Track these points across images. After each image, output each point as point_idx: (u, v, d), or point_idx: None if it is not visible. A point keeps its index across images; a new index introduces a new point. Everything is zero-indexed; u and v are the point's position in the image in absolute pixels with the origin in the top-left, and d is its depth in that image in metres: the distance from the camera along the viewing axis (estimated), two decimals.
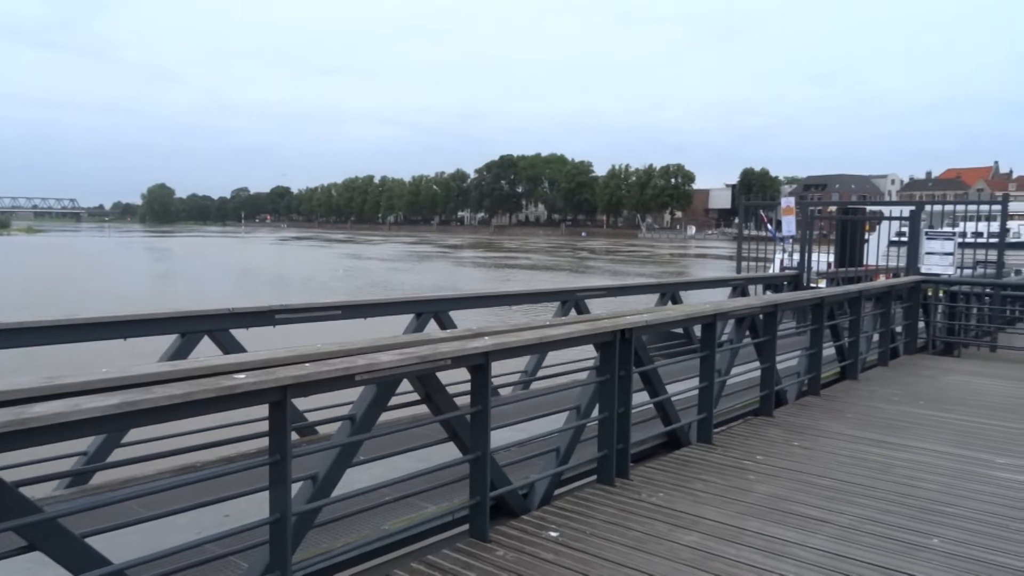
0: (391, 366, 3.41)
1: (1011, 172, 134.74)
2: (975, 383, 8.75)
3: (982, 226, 13.67)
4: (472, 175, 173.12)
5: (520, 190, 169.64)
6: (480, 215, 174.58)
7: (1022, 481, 5.19)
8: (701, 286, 11.05)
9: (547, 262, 62.60)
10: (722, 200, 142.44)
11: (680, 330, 9.38)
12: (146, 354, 4.77)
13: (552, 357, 6.92)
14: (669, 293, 9.42)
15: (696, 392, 5.99)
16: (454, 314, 6.93)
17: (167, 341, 5.13)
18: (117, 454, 4.75)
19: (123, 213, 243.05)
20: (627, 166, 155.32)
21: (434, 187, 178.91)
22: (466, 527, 4.08)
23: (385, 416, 4.01)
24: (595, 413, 4.90)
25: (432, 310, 6.68)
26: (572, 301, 8.08)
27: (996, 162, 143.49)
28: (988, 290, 12.27)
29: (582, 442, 4.93)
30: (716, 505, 4.56)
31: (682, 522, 4.27)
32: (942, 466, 5.49)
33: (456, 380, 4.16)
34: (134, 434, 4.52)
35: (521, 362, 7.54)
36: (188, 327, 5.13)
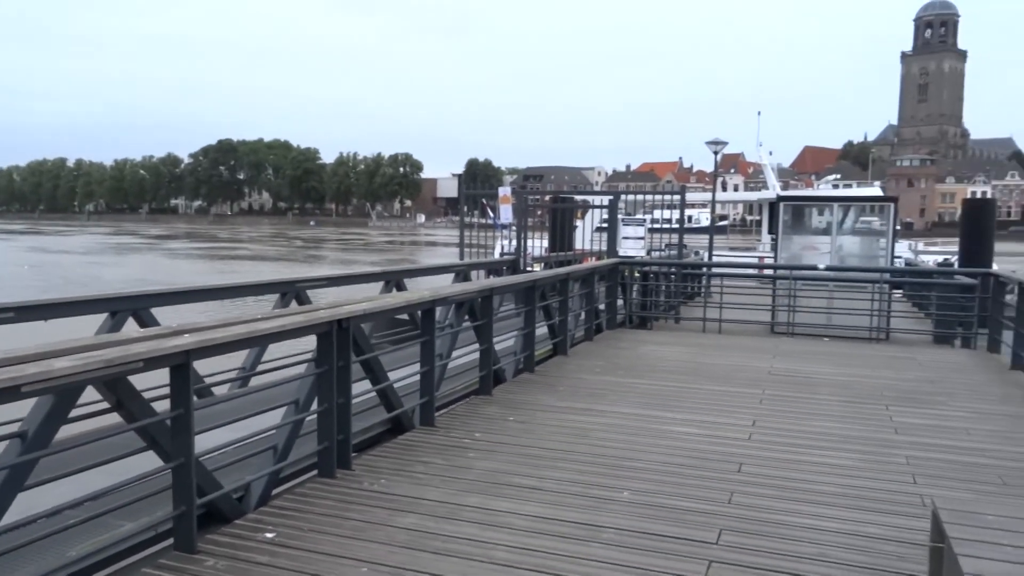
0: (69, 373, 3.04)
1: (692, 166, 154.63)
2: (662, 351, 9.95)
3: (669, 214, 15.54)
4: (187, 160, 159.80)
5: (242, 176, 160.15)
6: (197, 203, 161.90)
7: (689, 432, 6.01)
8: (425, 273, 11.30)
9: (272, 252, 59.99)
10: (450, 189, 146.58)
11: (406, 317, 9.53)
12: None
13: (276, 351, 6.66)
14: (393, 281, 9.51)
15: (419, 377, 6.12)
16: (162, 313, 6.36)
17: None
18: None
19: None
20: (355, 154, 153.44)
21: (141, 172, 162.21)
22: (171, 541, 3.78)
23: (72, 428, 3.58)
24: (315, 406, 4.80)
25: (130, 308, 6.07)
26: (292, 292, 7.83)
27: (680, 157, 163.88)
28: (672, 270, 14.03)
29: (303, 436, 4.81)
30: (436, 485, 4.71)
31: (402, 505, 4.35)
32: (630, 426, 6.17)
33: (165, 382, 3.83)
34: None
35: (240, 357, 7.15)
36: None
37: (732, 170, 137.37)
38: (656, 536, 4.02)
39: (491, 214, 17.97)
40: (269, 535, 3.92)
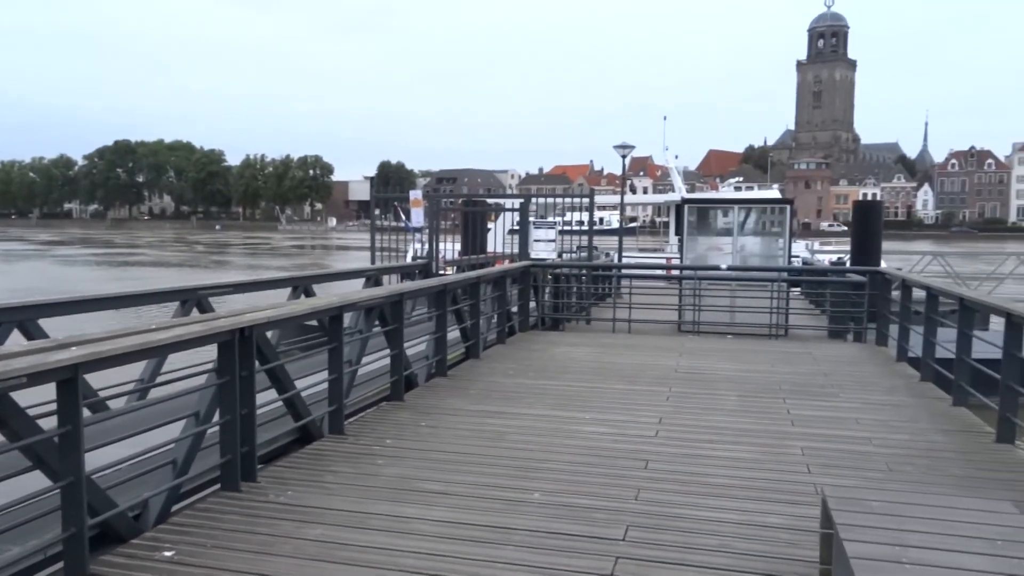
0: None
1: (603, 169, 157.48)
2: (573, 352, 10.10)
3: (584, 216, 15.78)
4: (81, 162, 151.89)
5: (141, 179, 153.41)
6: (93, 207, 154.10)
7: (599, 432, 6.13)
8: (335, 278, 11.09)
9: (173, 258, 57.68)
10: (362, 192, 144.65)
11: (315, 323, 9.33)
12: None
13: (177, 361, 6.41)
14: (302, 287, 9.31)
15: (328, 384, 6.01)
16: (52, 324, 6.02)
17: None
18: None
19: None
20: (263, 156, 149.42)
21: (31, 174, 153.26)
22: (60, 565, 3.58)
23: None
24: (217, 417, 4.65)
25: (14, 319, 5.73)
26: (194, 300, 7.54)
27: (591, 160, 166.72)
28: (583, 272, 14.27)
29: (205, 449, 4.65)
30: (345, 494, 4.63)
31: (309, 517, 4.26)
32: (542, 427, 6.25)
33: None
34: None
35: (139, 369, 6.84)
36: None
37: (641, 173, 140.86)
38: (565, 536, 4.08)
39: (403, 217, 17.85)
40: (168, 553, 3.77)
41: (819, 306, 15.18)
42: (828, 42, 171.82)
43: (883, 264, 17.00)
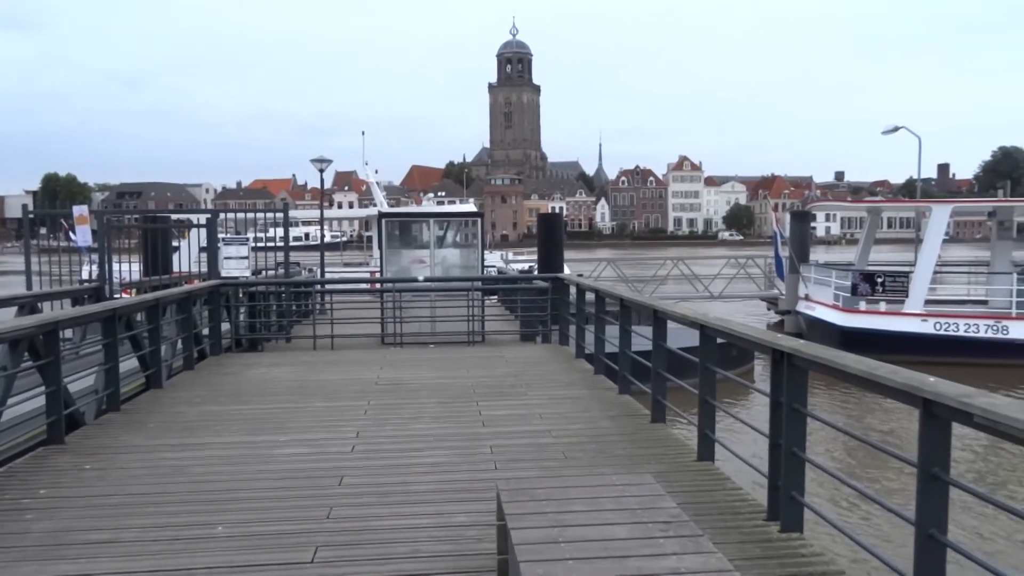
0: None
1: (306, 184, 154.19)
2: (272, 373, 9.66)
3: (297, 231, 15.23)
4: None
5: None
6: None
7: (296, 453, 5.92)
8: None
9: None
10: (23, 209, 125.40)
11: None
12: None
13: None
14: None
15: None
16: None
17: None
18: None
19: None
20: None
21: None
22: None
23: None
24: None
25: None
26: None
27: (294, 174, 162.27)
28: (281, 288, 13.75)
29: None
30: None
31: None
32: (232, 456, 5.87)
33: None
34: None
35: None
36: None
37: (347, 187, 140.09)
38: (251, 567, 3.86)
39: (73, 236, 15.78)
40: None
41: (513, 312, 16.25)
42: (515, 67, 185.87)
43: (566, 270, 18.70)
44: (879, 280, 19.89)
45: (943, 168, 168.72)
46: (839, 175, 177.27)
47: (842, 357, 3.65)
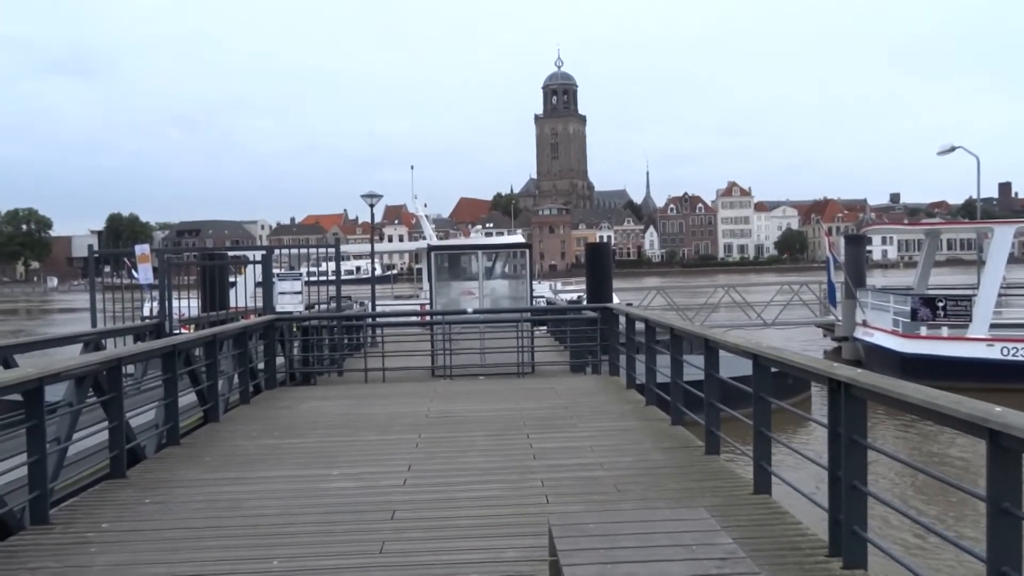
0: None
1: (357, 218, 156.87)
2: (324, 406, 9.78)
3: (349, 265, 15.54)
4: None
5: None
6: None
7: (347, 487, 5.97)
8: (44, 346, 9.78)
9: None
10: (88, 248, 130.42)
11: (19, 398, 8.14)
12: None
13: None
14: (0, 357, 8.09)
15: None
16: None
17: None
18: None
19: None
20: None
21: None
22: None
23: None
24: None
25: None
26: None
27: (345, 209, 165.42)
28: (334, 323, 13.98)
29: None
30: None
31: None
32: (287, 490, 5.94)
33: None
34: None
35: None
36: None
37: (396, 221, 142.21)
38: None
39: (136, 274, 16.35)
40: None
41: (562, 342, 16.19)
42: (561, 99, 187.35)
43: (616, 300, 18.60)
44: (940, 304, 19.27)
45: (1005, 187, 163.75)
46: (894, 197, 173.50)
47: (902, 387, 3.54)
